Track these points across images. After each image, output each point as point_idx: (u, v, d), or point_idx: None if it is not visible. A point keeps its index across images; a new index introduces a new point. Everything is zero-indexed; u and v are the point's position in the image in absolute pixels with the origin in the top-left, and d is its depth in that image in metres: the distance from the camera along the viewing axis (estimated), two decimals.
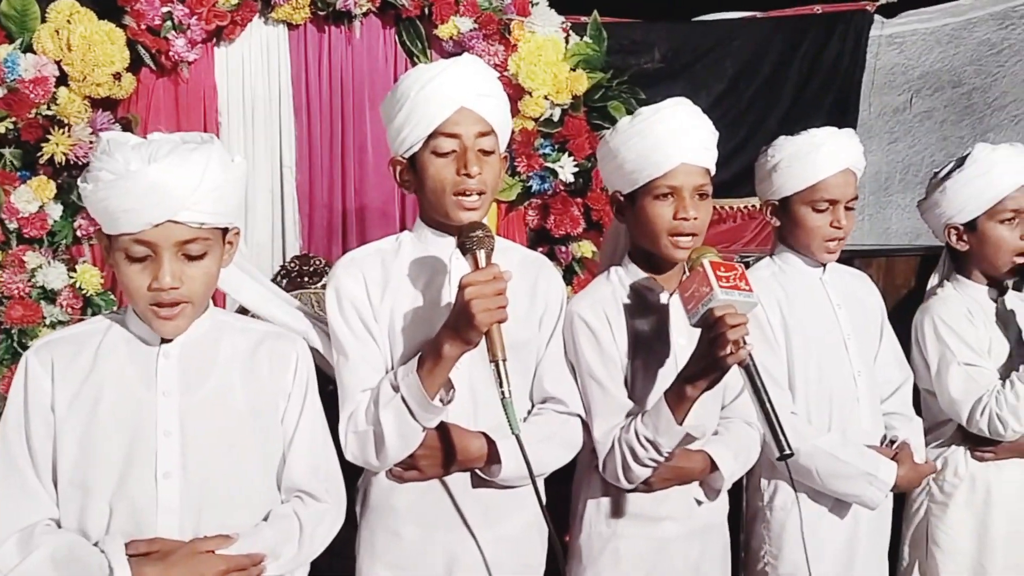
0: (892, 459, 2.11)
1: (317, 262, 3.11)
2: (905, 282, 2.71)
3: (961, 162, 2.33)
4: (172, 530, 1.50)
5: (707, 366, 1.68)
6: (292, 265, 3.11)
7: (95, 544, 1.47)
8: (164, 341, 1.56)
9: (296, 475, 1.63)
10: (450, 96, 1.68)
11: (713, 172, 1.89)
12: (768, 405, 1.62)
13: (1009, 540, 2.32)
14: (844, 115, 4.18)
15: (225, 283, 1.74)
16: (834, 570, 2.12)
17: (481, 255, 1.58)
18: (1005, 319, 2.36)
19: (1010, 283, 2.39)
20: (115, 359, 1.54)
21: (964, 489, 2.32)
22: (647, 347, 1.89)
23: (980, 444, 2.31)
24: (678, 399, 1.73)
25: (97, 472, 1.50)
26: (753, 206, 3.85)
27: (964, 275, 2.39)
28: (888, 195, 4.15)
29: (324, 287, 3.02)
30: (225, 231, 1.57)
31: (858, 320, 2.20)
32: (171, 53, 2.96)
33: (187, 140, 1.51)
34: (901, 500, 2.40)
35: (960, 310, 2.33)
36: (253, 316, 2.02)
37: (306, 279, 3.07)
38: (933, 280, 2.51)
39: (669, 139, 1.82)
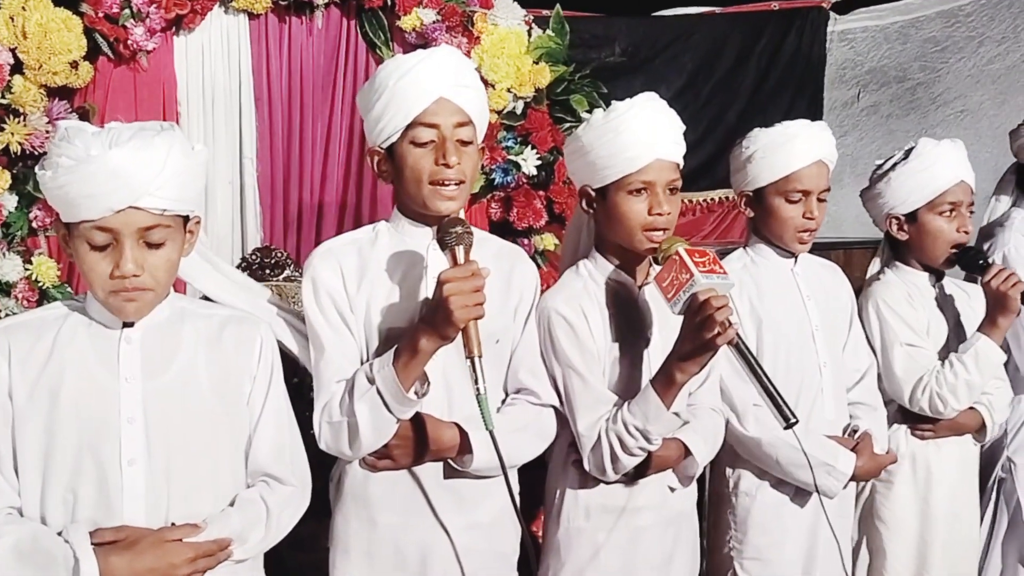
0: (852, 450, 2.17)
1: (279, 254, 3.09)
2: (863, 273, 2.76)
3: (906, 155, 2.40)
4: (138, 517, 1.49)
5: (696, 349, 1.70)
6: (253, 257, 3.09)
7: (59, 533, 1.45)
8: (126, 326, 1.54)
9: (261, 458, 1.63)
10: (429, 86, 1.69)
11: (682, 166, 1.92)
12: (765, 379, 1.66)
13: (950, 516, 2.41)
14: (802, 110, 4.23)
15: (187, 273, 1.73)
16: (797, 553, 2.18)
17: (460, 251, 1.59)
18: (943, 303, 2.46)
19: (945, 270, 2.47)
20: (75, 345, 1.52)
21: (906, 467, 2.39)
22: (623, 339, 1.91)
23: (919, 423, 2.38)
24: (667, 385, 1.75)
25: (60, 460, 1.48)
26: (712, 199, 3.90)
27: (903, 262, 2.47)
28: (840, 187, 4.23)
29: (286, 280, 3.02)
30: (186, 220, 1.55)
31: (827, 311, 2.25)
32: (129, 42, 2.91)
33: (147, 127, 1.50)
34: None
35: (901, 294, 2.41)
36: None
37: (267, 271, 3.05)
38: (873, 267, 2.59)
39: (643, 135, 1.84)
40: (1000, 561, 2.65)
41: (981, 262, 2.33)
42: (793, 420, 1.65)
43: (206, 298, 1.84)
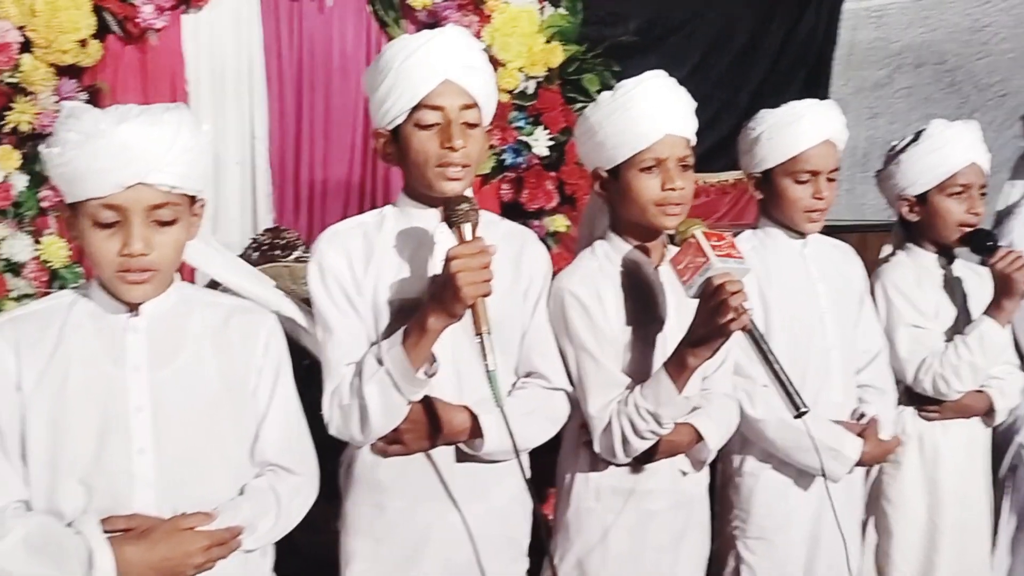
0: (859, 435, 2.15)
1: (289, 235, 3.08)
2: (878, 255, 2.73)
3: (917, 136, 2.38)
4: (149, 506, 1.48)
5: (709, 334, 1.69)
6: (264, 238, 3.08)
7: (69, 524, 1.44)
8: (131, 312, 1.53)
9: (270, 449, 1.62)
10: (435, 68, 1.67)
11: (694, 143, 1.90)
12: (776, 366, 1.65)
13: (958, 497, 2.40)
14: (816, 90, 4.17)
15: (193, 257, 1.71)
16: (801, 535, 2.17)
17: (467, 228, 1.58)
18: (952, 286, 2.44)
19: (956, 251, 2.45)
20: (81, 335, 1.51)
21: (913, 448, 2.39)
22: (638, 320, 1.90)
23: (926, 404, 2.37)
24: (679, 369, 1.74)
25: (69, 451, 1.47)
26: (725, 181, 3.86)
27: (915, 244, 2.45)
28: (865, 171, 4.14)
29: (296, 260, 3.01)
30: (193, 201, 1.54)
31: (837, 293, 2.24)
32: (138, 20, 2.89)
33: (154, 106, 1.48)
34: None
35: (910, 275, 2.41)
36: (223, 290, 2.00)
37: (278, 252, 3.04)
38: (886, 249, 2.59)
39: (651, 111, 1.83)
40: (1008, 555, 2.63)
41: (989, 244, 2.31)
42: (804, 409, 1.64)
43: (212, 286, 1.84)
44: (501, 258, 1.59)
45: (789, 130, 2.13)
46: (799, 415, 1.64)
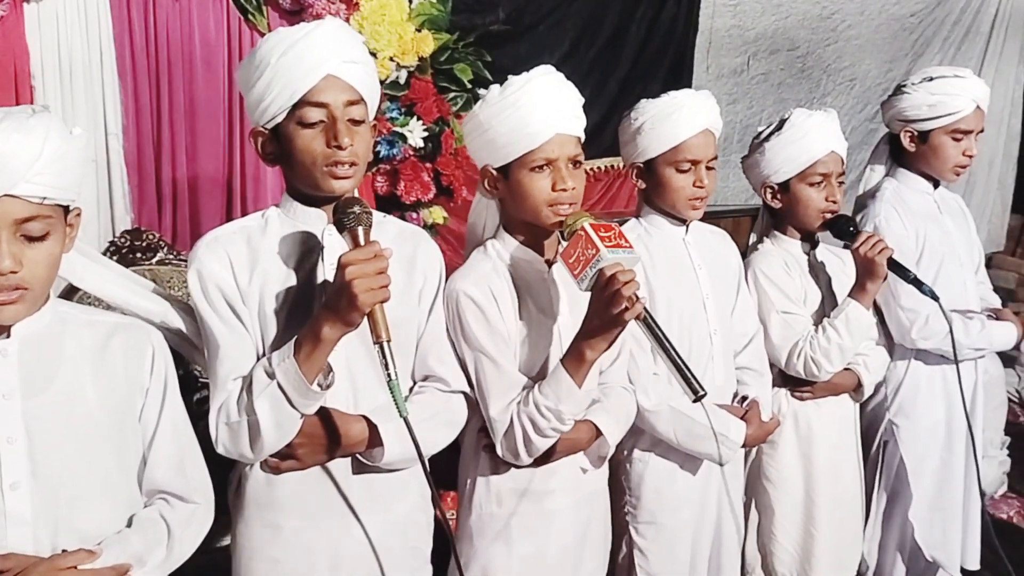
0: (742, 418, 2.20)
1: (150, 236, 2.92)
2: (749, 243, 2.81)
3: (780, 125, 2.45)
4: (26, 544, 1.37)
5: (604, 325, 1.68)
6: (122, 240, 2.91)
7: None
8: (0, 335, 1.40)
9: (159, 475, 1.53)
10: (315, 62, 1.59)
11: (583, 139, 1.88)
12: (673, 352, 1.65)
13: (831, 472, 2.51)
14: (680, 77, 4.25)
15: (67, 270, 1.58)
16: (689, 518, 2.22)
17: (360, 232, 1.51)
18: (816, 270, 2.54)
19: (819, 236, 2.55)
20: None
21: (789, 427, 2.47)
22: (533, 318, 1.88)
23: (798, 385, 2.47)
24: (577, 363, 1.73)
25: None
26: (599, 168, 3.87)
27: (780, 231, 2.54)
28: (726, 155, 4.26)
29: (160, 263, 2.85)
30: (67, 211, 1.42)
31: (717, 279, 2.29)
32: None
33: (17, 110, 1.36)
34: None
35: (778, 263, 2.48)
36: (98, 304, 1.87)
37: (138, 255, 2.88)
38: (753, 236, 2.66)
39: (541, 110, 1.80)
40: (879, 527, 2.76)
41: (851, 229, 2.40)
42: (702, 393, 1.65)
43: (68, 293, 1.70)
44: (395, 260, 1.52)
45: (669, 120, 2.15)
46: (697, 399, 1.66)
